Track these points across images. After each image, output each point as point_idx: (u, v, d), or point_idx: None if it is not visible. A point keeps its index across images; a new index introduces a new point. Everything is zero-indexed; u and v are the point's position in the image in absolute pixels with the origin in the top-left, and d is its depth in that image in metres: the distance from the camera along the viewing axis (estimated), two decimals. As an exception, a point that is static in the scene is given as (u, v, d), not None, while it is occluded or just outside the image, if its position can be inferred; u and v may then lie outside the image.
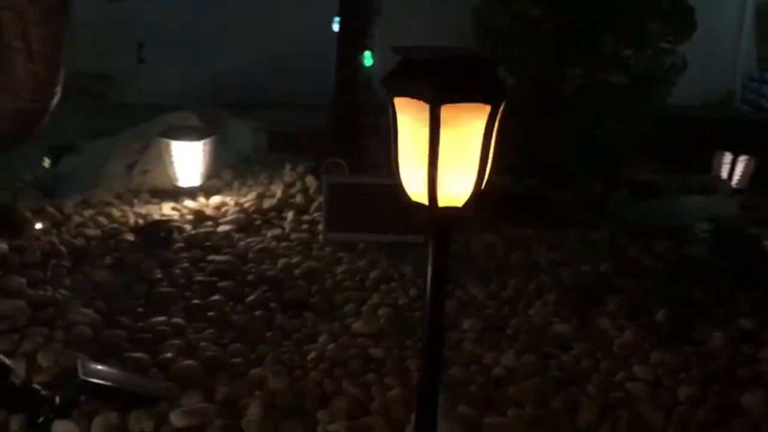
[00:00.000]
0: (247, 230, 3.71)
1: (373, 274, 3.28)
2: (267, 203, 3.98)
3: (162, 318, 2.71)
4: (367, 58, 4.07)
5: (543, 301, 3.15)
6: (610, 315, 3.04)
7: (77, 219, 3.57)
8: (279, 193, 4.05)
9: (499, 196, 4.39)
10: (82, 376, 2.06)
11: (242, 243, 3.53)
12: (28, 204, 3.73)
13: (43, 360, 2.28)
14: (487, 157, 1.31)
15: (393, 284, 3.24)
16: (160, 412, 2.10)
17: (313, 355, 2.54)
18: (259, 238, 3.61)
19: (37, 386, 2.05)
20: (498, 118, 1.33)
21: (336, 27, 4.37)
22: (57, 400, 2.05)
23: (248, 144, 5.32)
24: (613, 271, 3.51)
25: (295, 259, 3.37)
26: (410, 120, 1.30)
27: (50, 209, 3.56)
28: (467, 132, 1.28)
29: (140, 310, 2.80)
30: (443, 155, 1.27)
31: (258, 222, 3.80)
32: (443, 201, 1.32)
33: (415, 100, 1.27)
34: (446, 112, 1.24)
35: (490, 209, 4.11)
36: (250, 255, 3.39)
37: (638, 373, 2.58)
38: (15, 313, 2.55)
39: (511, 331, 2.88)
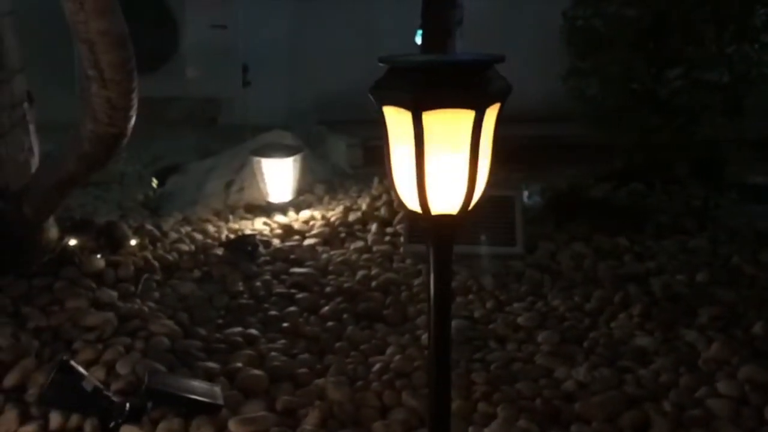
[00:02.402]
0: (331, 243, 3.79)
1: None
2: (352, 216, 4.04)
3: (238, 329, 2.81)
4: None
5: (627, 314, 3.01)
6: (700, 327, 2.86)
7: (173, 235, 3.76)
8: (364, 206, 4.10)
9: (594, 204, 4.26)
10: (147, 385, 2.17)
11: (325, 256, 3.60)
12: (133, 222, 3.98)
13: (121, 369, 2.42)
14: (477, 164, 1.28)
15: (470, 296, 3.20)
16: (221, 419, 2.18)
17: (378, 366, 2.55)
18: (341, 251, 3.67)
19: (108, 393, 2.19)
20: (494, 121, 1.29)
21: (419, 40, 4.39)
22: (127, 406, 2.17)
23: (344, 159, 5.42)
24: (711, 281, 3.30)
25: (374, 271, 3.40)
26: (399, 129, 1.29)
27: (149, 227, 3.78)
28: (453, 139, 1.26)
29: (219, 321, 2.91)
30: (431, 163, 1.26)
31: (342, 235, 3.87)
32: (436, 209, 1.31)
33: (400, 109, 1.27)
34: (428, 119, 1.23)
35: (583, 219, 4.01)
36: (331, 267, 3.46)
37: (722, 389, 2.41)
38: (103, 324, 2.72)
39: (589, 344, 2.77)
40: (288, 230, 3.94)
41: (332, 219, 4.06)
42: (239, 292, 3.16)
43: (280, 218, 4.14)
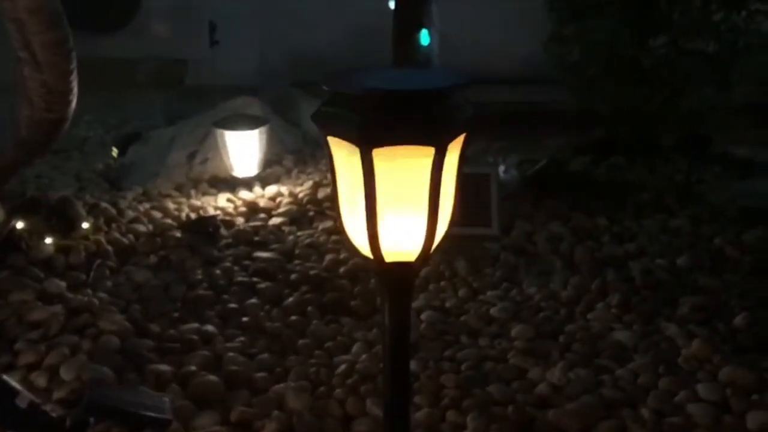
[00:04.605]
0: (299, 223, 3.60)
1: (422, 272, 3.09)
2: (322, 192, 3.85)
3: (194, 325, 2.64)
4: (424, 37, 3.84)
5: (606, 303, 2.88)
6: (681, 319, 2.74)
7: (131, 214, 3.56)
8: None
9: (573, 180, 4.11)
10: (88, 399, 2.01)
11: (291, 237, 3.42)
12: (90, 198, 3.76)
13: (65, 374, 2.25)
14: (438, 205, 1.10)
15: (443, 283, 3.05)
16: (170, 435, 2.03)
17: (342, 368, 2.40)
18: (309, 232, 3.48)
19: (46, 408, 2.02)
20: (458, 154, 1.10)
21: (392, 4, 4.15)
22: (68, 421, 2.01)
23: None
24: (692, 266, 3.17)
25: (342, 255, 3.23)
26: (347, 163, 1.10)
27: (105, 204, 3.56)
28: (408, 179, 1.07)
29: (175, 315, 2.73)
30: (383, 205, 1.07)
31: (311, 213, 3.67)
32: (390, 257, 1.13)
33: (347, 143, 1.08)
34: (380, 156, 1.04)
35: (562, 196, 3.85)
36: (297, 251, 3.27)
37: (702, 392, 2.30)
38: (49, 320, 2.55)
39: (565, 339, 2.64)
40: (253, 208, 3.74)
41: (300, 195, 3.86)
42: (198, 280, 2.98)
43: (245, 194, 3.93)
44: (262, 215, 3.68)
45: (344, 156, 1.09)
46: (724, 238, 3.42)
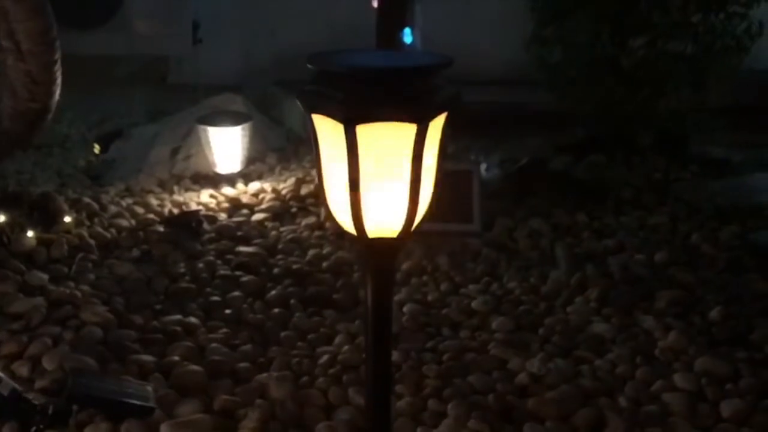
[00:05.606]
0: (281, 219, 3.61)
1: (404, 266, 3.12)
2: (305, 189, 3.86)
3: (177, 317, 2.65)
4: (408, 36, 3.88)
5: (585, 297, 2.92)
6: (658, 313, 2.79)
7: (113, 209, 3.56)
8: (317, 179, 3.92)
9: (554, 178, 4.16)
10: (71, 388, 2.01)
11: (274, 233, 3.43)
12: (72, 193, 3.76)
13: (47, 364, 2.26)
14: (419, 182, 1.13)
15: (425, 277, 3.08)
16: (153, 422, 2.04)
17: (324, 358, 2.42)
18: (292, 227, 3.50)
19: (28, 395, 2.02)
20: (440, 132, 1.13)
21: (375, 3, 4.18)
22: (50, 409, 2.01)
23: (299, 123, 5.22)
24: (669, 261, 3.22)
25: (325, 250, 3.25)
26: (331, 140, 1.13)
27: (87, 200, 3.56)
28: (391, 155, 1.10)
29: (158, 307, 2.74)
30: (366, 181, 1.10)
31: (294, 209, 3.69)
32: (373, 232, 1.15)
33: (331, 120, 1.10)
34: (363, 133, 1.07)
35: (543, 193, 3.90)
36: (280, 246, 3.29)
37: (679, 382, 2.34)
38: (30, 312, 2.54)
39: (544, 332, 2.68)
40: (236, 204, 3.75)
41: (283, 192, 3.87)
42: (180, 274, 2.99)
43: (227, 190, 3.94)
44: (245, 211, 3.69)
45: (328, 133, 1.12)
46: (701, 235, 3.48)
